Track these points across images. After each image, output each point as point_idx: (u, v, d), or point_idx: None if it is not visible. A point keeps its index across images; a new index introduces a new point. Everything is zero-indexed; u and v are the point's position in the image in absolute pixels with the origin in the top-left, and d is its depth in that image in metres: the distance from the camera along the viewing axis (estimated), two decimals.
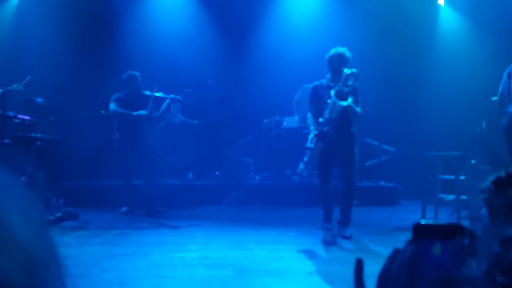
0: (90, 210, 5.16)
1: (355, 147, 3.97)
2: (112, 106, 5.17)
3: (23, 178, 4.53)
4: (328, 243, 3.80)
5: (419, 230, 0.55)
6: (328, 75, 4.07)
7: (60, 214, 4.59)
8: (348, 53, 3.97)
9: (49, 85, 5.83)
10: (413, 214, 5.23)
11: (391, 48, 6.90)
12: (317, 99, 4.02)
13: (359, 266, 0.57)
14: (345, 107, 3.78)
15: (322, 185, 4.00)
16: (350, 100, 3.79)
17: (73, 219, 4.73)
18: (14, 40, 6.62)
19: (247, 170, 6.30)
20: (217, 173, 6.40)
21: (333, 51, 4.01)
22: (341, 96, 3.79)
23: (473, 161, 5.19)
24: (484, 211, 0.53)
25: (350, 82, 3.85)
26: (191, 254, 3.43)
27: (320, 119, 3.86)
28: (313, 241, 3.86)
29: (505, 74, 4.13)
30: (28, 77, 4.53)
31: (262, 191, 5.97)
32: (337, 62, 3.92)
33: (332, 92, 3.82)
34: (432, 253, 0.52)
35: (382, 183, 6.41)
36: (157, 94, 5.20)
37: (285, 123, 6.40)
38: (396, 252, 0.57)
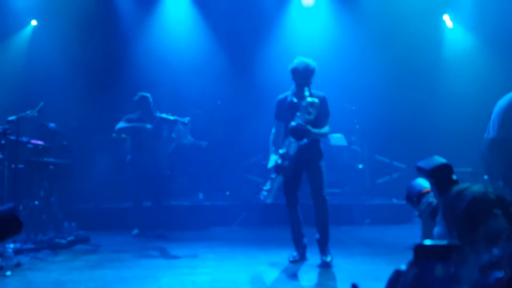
0: (101, 233, 5.18)
1: (321, 162, 3.79)
2: (119, 124, 5.27)
3: (36, 203, 4.59)
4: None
5: (420, 251, 0.54)
6: (293, 87, 3.84)
7: (72, 237, 4.62)
8: (312, 65, 3.73)
9: (62, 110, 5.96)
10: None
11: (399, 65, 6.91)
12: (279, 115, 3.84)
13: None
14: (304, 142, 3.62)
15: (289, 210, 3.88)
16: (311, 131, 3.58)
17: (85, 243, 4.75)
18: (28, 68, 6.80)
19: (257, 190, 6.29)
20: (227, 193, 6.40)
21: (296, 62, 3.76)
22: (299, 134, 3.58)
23: (485, 177, 5.11)
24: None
25: (312, 110, 3.61)
26: (202, 277, 3.41)
27: (280, 151, 3.70)
28: None
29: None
30: (41, 103, 4.64)
31: (273, 211, 5.94)
32: (301, 75, 3.70)
33: (288, 131, 3.63)
34: (434, 274, 0.51)
35: (395, 200, 6.33)
36: (164, 116, 5.28)
37: None
38: (397, 274, 0.56)
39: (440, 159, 1.70)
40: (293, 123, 3.60)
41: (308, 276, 3.44)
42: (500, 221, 0.45)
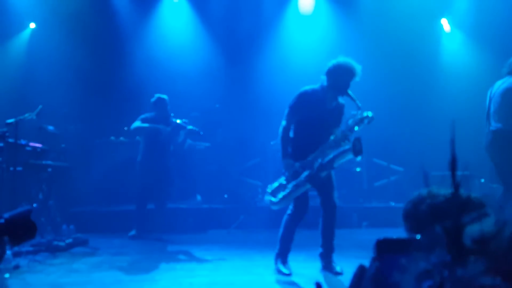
0: (99, 235, 5.18)
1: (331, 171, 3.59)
2: (135, 123, 5.23)
3: (35, 205, 4.59)
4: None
5: (382, 246, 0.55)
6: (325, 84, 3.52)
7: (70, 240, 4.62)
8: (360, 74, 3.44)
9: (60, 113, 5.97)
10: None
11: (397, 68, 6.96)
12: (305, 107, 3.48)
13: (360, 273, 0.57)
14: None
15: (297, 221, 3.58)
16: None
17: (83, 245, 4.76)
18: (26, 71, 6.82)
19: (255, 193, 6.31)
20: (225, 196, 6.41)
21: (348, 62, 3.45)
22: (358, 149, 3.34)
23: (482, 180, 5.15)
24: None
25: (356, 128, 3.40)
26: (199, 279, 3.43)
27: (320, 160, 3.42)
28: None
29: (488, 96, 4.23)
30: (40, 106, 4.65)
31: (271, 214, 5.95)
32: (348, 82, 3.44)
33: (349, 145, 3.36)
34: (395, 268, 0.50)
35: (392, 203, 6.36)
36: (180, 123, 5.29)
37: None
38: (361, 269, 0.57)
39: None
40: (359, 136, 3.34)
41: (305, 279, 3.45)
42: (442, 227, 0.46)
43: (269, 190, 3.68)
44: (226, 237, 5.38)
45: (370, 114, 3.45)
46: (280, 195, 3.56)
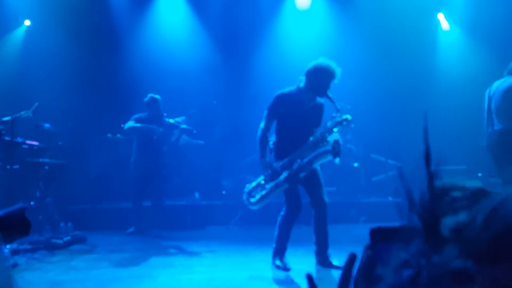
0: (98, 233, 5.17)
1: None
2: (128, 123, 5.25)
3: (32, 203, 4.58)
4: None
5: (376, 234, 0.54)
6: (302, 84, 3.52)
7: (68, 237, 4.62)
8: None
9: (57, 110, 5.94)
10: None
11: (394, 64, 6.96)
12: (283, 108, 3.51)
13: (351, 261, 0.57)
14: None
15: (293, 218, 3.58)
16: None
17: (82, 243, 4.75)
18: (22, 67, 6.77)
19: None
20: (223, 192, 6.41)
21: (328, 64, 3.43)
22: (337, 151, 3.39)
23: (479, 174, 5.17)
24: None
25: (335, 130, 3.44)
26: (198, 275, 3.43)
27: (299, 161, 3.44)
28: None
29: (486, 95, 4.25)
30: (36, 103, 4.62)
31: (269, 210, 5.96)
32: (328, 83, 3.42)
33: (329, 147, 3.40)
34: (388, 256, 0.50)
35: (390, 198, 6.38)
36: (173, 122, 5.28)
37: None
38: (352, 257, 0.57)
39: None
40: (339, 139, 3.39)
41: (303, 274, 3.45)
42: (419, 218, 0.47)
43: (246, 190, 3.71)
44: (225, 233, 5.38)
45: (349, 117, 3.50)
46: (258, 195, 3.62)
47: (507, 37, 6.58)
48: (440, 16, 7.58)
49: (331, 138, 3.47)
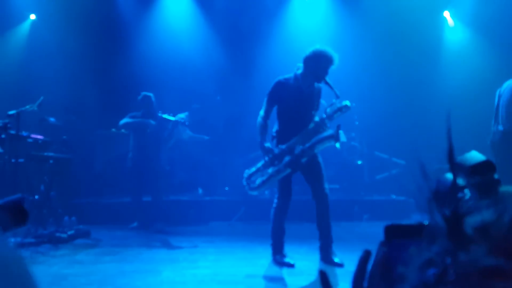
0: (102, 227, 5.19)
1: (319, 157, 3.62)
2: (122, 120, 5.31)
3: (36, 197, 4.60)
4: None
5: (391, 231, 0.55)
6: (299, 72, 3.54)
7: (72, 231, 4.63)
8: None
9: (61, 105, 5.95)
10: None
11: (399, 61, 6.92)
12: (281, 95, 3.54)
13: (366, 258, 0.57)
14: None
15: (285, 205, 3.57)
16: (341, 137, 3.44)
17: (86, 237, 4.77)
18: (27, 62, 6.78)
19: None
20: (227, 188, 6.42)
21: (326, 50, 3.44)
22: (338, 136, 3.43)
23: None
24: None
25: (336, 116, 3.48)
26: (202, 270, 3.44)
27: (300, 146, 3.46)
28: None
29: (496, 94, 4.24)
30: (41, 97, 4.63)
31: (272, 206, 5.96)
32: (326, 69, 3.43)
33: (331, 132, 3.44)
34: (405, 253, 0.50)
35: (393, 196, 6.37)
36: (165, 116, 5.30)
37: None
38: (366, 254, 0.57)
39: (479, 156, 1.57)
40: (339, 124, 3.43)
41: (308, 270, 3.46)
42: (442, 216, 0.47)
43: (245, 175, 3.69)
44: (228, 229, 5.39)
45: (348, 103, 3.53)
46: (259, 180, 3.60)
47: None
48: (446, 14, 7.53)
49: (330, 124, 3.53)
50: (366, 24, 7.05)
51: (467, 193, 1.48)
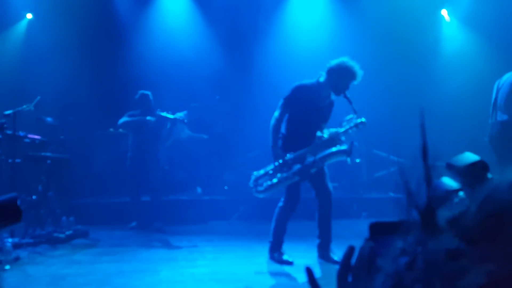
0: (100, 227, 5.17)
1: (325, 166, 3.65)
2: (121, 119, 5.29)
3: (34, 197, 4.58)
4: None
5: (375, 229, 0.57)
6: (322, 80, 3.54)
7: (70, 232, 4.61)
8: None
9: (59, 104, 5.92)
10: None
11: (397, 59, 6.92)
12: (299, 100, 3.50)
13: (349, 253, 0.59)
14: None
15: (290, 212, 3.61)
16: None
17: (84, 237, 4.75)
18: (24, 61, 6.75)
19: None
20: (226, 187, 6.41)
21: (351, 65, 3.43)
22: (351, 152, 3.48)
23: None
24: None
25: (350, 131, 3.52)
26: (201, 269, 3.43)
27: (311, 159, 3.47)
28: None
29: (494, 87, 4.24)
30: (38, 97, 4.61)
31: (272, 205, 5.96)
32: (348, 84, 3.44)
33: (346, 147, 3.47)
34: (389, 248, 0.52)
35: (391, 194, 6.36)
36: (164, 114, 5.29)
37: None
38: (351, 250, 0.59)
39: (473, 156, 1.61)
40: (353, 140, 3.53)
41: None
42: (417, 210, 0.50)
43: (253, 177, 3.69)
44: (227, 228, 5.38)
45: (364, 120, 3.54)
46: (266, 184, 3.59)
47: (511, 33, 6.54)
48: (444, 12, 7.53)
49: (343, 139, 3.55)
50: (364, 22, 7.04)
51: (462, 194, 1.50)
